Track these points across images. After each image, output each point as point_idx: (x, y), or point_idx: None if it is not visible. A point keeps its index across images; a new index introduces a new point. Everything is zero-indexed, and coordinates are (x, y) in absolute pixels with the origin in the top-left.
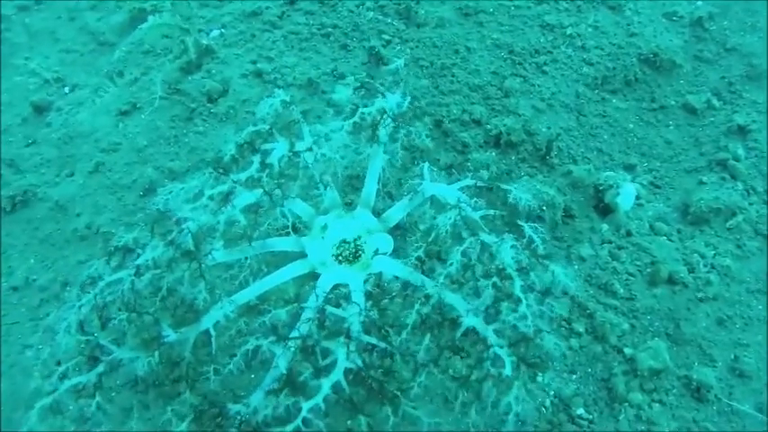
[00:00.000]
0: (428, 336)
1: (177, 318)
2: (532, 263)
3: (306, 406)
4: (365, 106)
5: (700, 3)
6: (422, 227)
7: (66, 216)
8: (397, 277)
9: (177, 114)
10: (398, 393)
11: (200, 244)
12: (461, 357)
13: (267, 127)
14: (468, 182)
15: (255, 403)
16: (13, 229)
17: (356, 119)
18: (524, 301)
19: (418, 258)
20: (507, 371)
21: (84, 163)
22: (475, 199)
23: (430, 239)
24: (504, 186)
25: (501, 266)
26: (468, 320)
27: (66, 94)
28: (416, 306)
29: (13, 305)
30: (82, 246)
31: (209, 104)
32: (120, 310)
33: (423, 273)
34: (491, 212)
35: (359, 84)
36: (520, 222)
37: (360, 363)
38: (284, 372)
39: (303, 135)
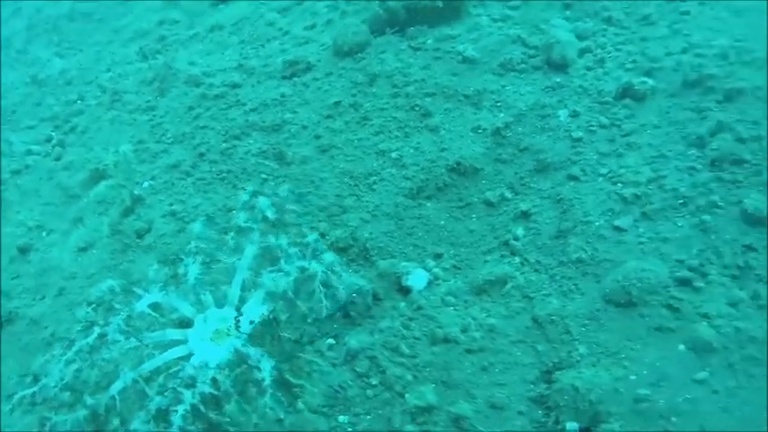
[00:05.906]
0: None
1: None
2: None
3: None
4: None
5: (502, 115)
6: None
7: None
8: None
9: (117, 249)
10: None
11: None
12: None
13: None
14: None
15: None
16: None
17: None
18: None
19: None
20: None
21: (52, 289)
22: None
23: None
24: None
25: None
26: None
27: (44, 237)
28: None
29: None
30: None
31: (137, 240)
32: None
33: None
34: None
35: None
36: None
37: None
38: None
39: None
